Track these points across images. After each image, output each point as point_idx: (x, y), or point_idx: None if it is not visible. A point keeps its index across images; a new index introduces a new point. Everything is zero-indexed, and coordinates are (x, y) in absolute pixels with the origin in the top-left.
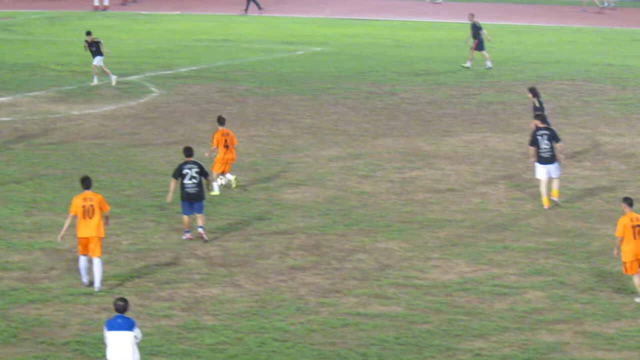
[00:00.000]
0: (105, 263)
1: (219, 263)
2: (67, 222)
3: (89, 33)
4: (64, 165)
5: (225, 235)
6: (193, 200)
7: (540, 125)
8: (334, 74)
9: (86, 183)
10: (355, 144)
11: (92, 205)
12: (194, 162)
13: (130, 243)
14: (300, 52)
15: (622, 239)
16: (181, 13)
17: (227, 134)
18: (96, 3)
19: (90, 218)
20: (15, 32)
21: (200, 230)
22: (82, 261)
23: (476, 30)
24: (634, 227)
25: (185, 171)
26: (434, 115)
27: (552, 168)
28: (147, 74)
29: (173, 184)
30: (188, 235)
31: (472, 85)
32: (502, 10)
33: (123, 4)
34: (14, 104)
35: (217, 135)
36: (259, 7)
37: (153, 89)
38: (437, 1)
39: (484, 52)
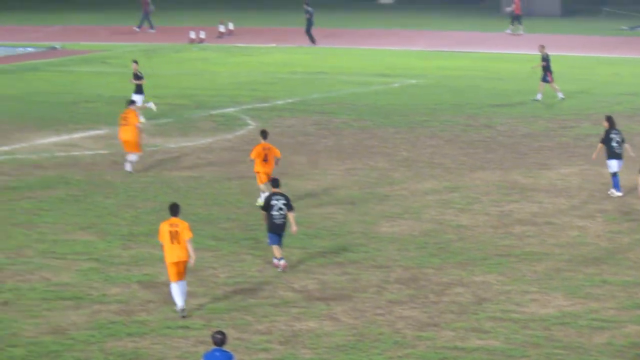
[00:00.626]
0: (202, 296)
1: (317, 296)
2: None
3: (135, 62)
4: (161, 198)
5: (322, 268)
6: (281, 231)
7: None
8: (430, 106)
9: (174, 210)
10: (452, 177)
11: (177, 231)
12: (281, 194)
13: (227, 276)
14: (397, 85)
15: None
16: (277, 45)
17: (268, 148)
18: (192, 36)
19: (178, 243)
20: (112, 65)
21: (282, 262)
22: (175, 288)
23: (547, 62)
24: None
25: (273, 202)
26: (530, 147)
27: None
28: (243, 107)
29: (264, 215)
30: (282, 262)
31: (569, 117)
32: (600, 43)
33: (219, 37)
34: (112, 137)
35: (257, 149)
36: (313, 41)
37: (249, 121)
38: (518, 33)
39: (545, 84)
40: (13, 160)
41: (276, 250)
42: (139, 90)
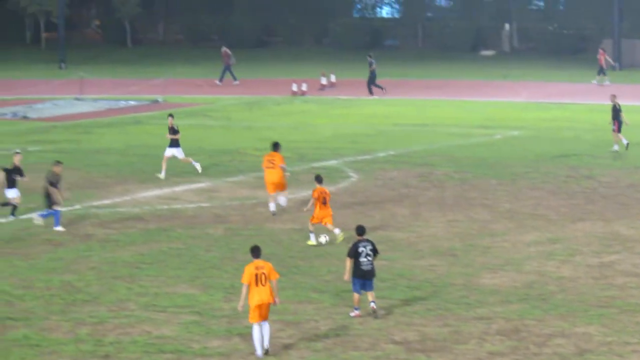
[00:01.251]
0: (303, 349)
1: (417, 348)
2: (244, 291)
3: (171, 115)
4: (263, 250)
5: (423, 320)
6: (367, 277)
7: None
8: (532, 157)
9: (256, 252)
10: (553, 229)
11: (263, 273)
12: (368, 240)
13: (329, 328)
14: (498, 136)
15: None
16: (378, 97)
17: (325, 192)
18: (294, 88)
19: (263, 285)
20: (214, 118)
21: (372, 305)
22: (257, 332)
23: (616, 112)
24: None
25: (360, 249)
26: (633, 199)
27: None
28: (345, 159)
29: (349, 262)
30: (357, 312)
31: None
32: None
33: (320, 89)
34: (213, 190)
35: (316, 193)
36: (371, 93)
37: (351, 173)
38: (604, 84)
39: (619, 135)
40: (115, 213)
41: (357, 299)
42: (174, 144)
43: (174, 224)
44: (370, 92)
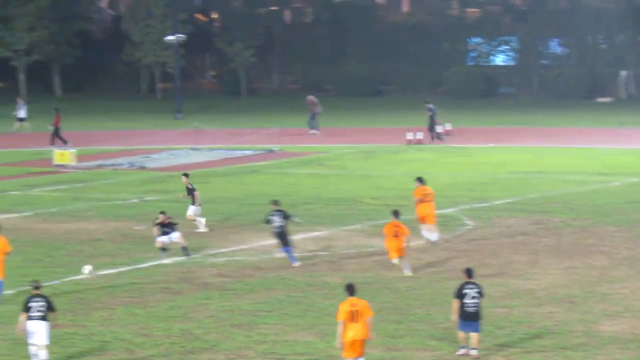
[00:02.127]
0: None
1: None
2: (339, 329)
3: (186, 175)
4: (379, 298)
5: None
6: (472, 319)
7: None
8: None
9: (350, 290)
10: None
11: (357, 310)
12: (474, 283)
13: None
14: (616, 183)
15: None
16: (494, 145)
17: (399, 226)
18: (409, 137)
19: (357, 322)
20: (329, 167)
21: (473, 352)
22: None
23: None
24: None
25: (465, 291)
26: None
27: None
28: (461, 207)
29: (455, 304)
30: (463, 351)
31: None
32: None
33: (436, 137)
34: (330, 238)
35: (388, 226)
36: (433, 139)
37: (467, 221)
38: None
39: None
40: (233, 262)
41: (463, 337)
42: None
43: (291, 272)
44: (432, 138)
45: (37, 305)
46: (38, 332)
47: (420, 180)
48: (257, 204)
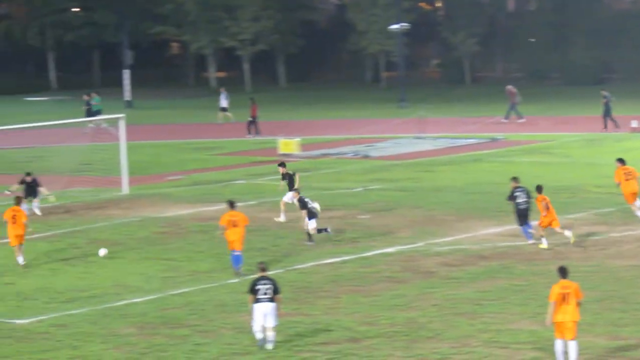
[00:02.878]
0: None
1: None
2: (550, 309)
3: (282, 164)
4: (603, 287)
5: None
6: None
7: None
8: None
9: (563, 272)
10: None
11: (569, 292)
12: None
13: None
14: None
15: None
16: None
17: (545, 199)
18: (634, 125)
19: (567, 304)
20: (554, 155)
21: None
22: (558, 346)
23: None
24: None
25: None
26: None
27: None
28: None
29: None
30: None
31: None
32: None
33: None
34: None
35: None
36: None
37: None
38: None
39: None
40: (457, 251)
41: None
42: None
43: (515, 260)
44: (605, 126)
45: (264, 287)
46: (266, 313)
47: (620, 160)
48: (480, 193)
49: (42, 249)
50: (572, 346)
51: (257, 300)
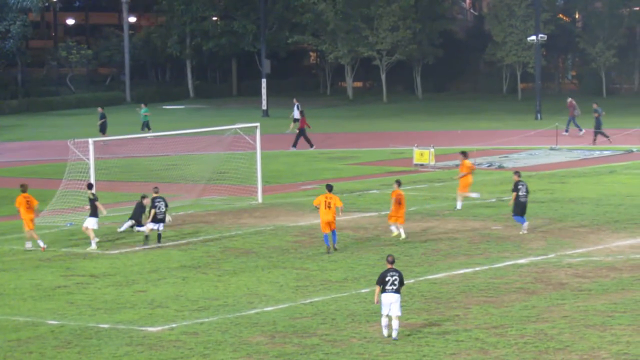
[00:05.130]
0: None
1: None
2: None
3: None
4: None
5: None
6: None
7: None
8: None
9: None
10: None
11: None
12: None
13: None
14: None
15: None
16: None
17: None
18: None
19: None
20: None
21: None
22: None
23: None
24: None
25: None
26: None
27: None
28: None
29: None
30: None
31: None
32: None
33: None
34: None
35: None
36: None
37: None
38: None
39: None
40: (588, 262)
41: None
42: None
43: None
44: (594, 141)
45: (392, 279)
46: (393, 303)
47: None
48: (613, 204)
49: (176, 257)
50: None
51: (384, 291)
